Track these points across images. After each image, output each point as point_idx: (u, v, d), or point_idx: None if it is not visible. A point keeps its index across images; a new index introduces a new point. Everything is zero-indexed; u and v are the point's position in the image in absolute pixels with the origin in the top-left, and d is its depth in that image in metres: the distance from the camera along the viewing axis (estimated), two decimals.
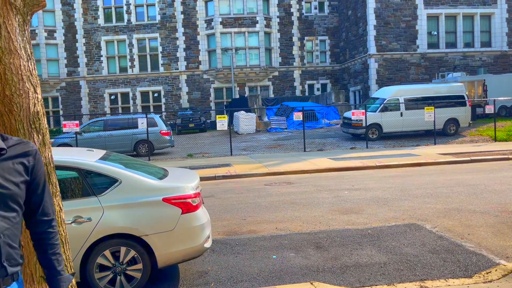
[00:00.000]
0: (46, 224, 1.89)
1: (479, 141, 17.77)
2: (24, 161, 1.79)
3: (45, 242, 1.89)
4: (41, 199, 1.88)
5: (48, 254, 1.88)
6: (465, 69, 29.20)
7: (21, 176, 1.76)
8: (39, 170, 1.85)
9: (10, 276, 1.71)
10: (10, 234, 1.71)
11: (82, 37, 32.47)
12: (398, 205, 7.92)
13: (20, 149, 1.79)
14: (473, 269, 4.94)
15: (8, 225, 1.70)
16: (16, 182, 1.74)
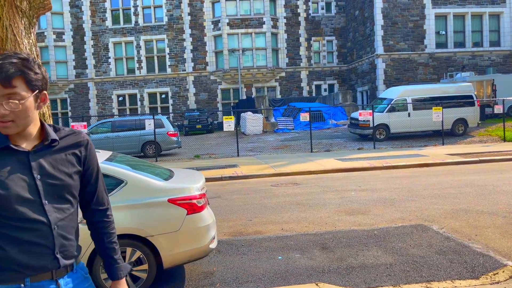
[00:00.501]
0: (101, 213, 1.92)
1: (488, 141, 17.62)
2: (76, 151, 1.79)
3: (101, 231, 1.90)
4: (95, 189, 1.89)
5: (105, 243, 1.90)
6: (474, 69, 28.96)
7: (73, 166, 1.77)
8: (92, 160, 1.85)
9: (64, 267, 1.71)
10: (64, 225, 1.71)
11: (90, 39, 32.72)
12: (405, 206, 7.87)
13: (72, 140, 1.79)
14: (480, 270, 4.90)
15: (62, 216, 1.70)
16: (69, 173, 1.74)
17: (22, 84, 1.58)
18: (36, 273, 1.65)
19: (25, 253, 1.63)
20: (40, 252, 1.65)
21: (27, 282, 1.64)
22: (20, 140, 1.66)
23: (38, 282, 1.66)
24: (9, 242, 1.61)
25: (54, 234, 1.66)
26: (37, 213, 1.64)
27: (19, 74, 1.57)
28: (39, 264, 1.65)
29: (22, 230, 1.62)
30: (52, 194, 1.68)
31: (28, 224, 1.62)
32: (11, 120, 1.59)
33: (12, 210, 1.60)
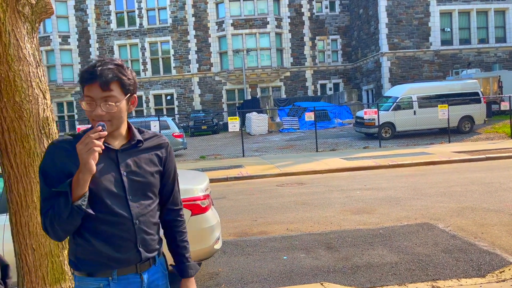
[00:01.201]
0: (175, 212, 2.01)
1: (495, 138, 17.49)
2: (158, 152, 1.90)
3: (175, 230, 1.99)
4: (171, 189, 1.98)
5: (177, 241, 1.99)
6: (480, 65, 28.76)
7: (155, 166, 1.88)
8: (171, 161, 1.96)
9: (147, 261, 1.82)
10: (145, 220, 1.81)
11: (95, 41, 32.92)
12: (411, 205, 7.84)
13: (155, 142, 1.91)
14: (486, 268, 4.87)
15: (144, 212, 1.80)
16: (152, 172, 1.85)
17: (118, 88, 1.71)
18: (121, 266, 1.76)
19: (111, 246, 1.73)
20: (124, 246, 1.75)
21: (114, 275, 1.75)
22: (110, 139, 1.78)
23: (124, 275, 1.77)
24: (97, 236, 1.72)
25: (135, 228, 1.76)
26: (122, 207, 1.75)
27: (116, 79, 1.70)
28: (124, 256, 1.75)
29: (108, 223, 1.73)
30: (135, 191, 1.79)
31: (114, 218, 1.73)
32: (107, 120, 1.70)
33: (101, 203, 1.71)
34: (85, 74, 1.70)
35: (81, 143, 1.60)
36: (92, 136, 1.59)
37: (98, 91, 1.68)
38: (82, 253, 1.74)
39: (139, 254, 1.78)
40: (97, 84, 1.68)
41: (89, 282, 1.74)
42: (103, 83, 1.67)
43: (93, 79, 1.67)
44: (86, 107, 1.71)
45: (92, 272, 1.74)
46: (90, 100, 1.70)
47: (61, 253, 3.11)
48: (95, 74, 1.67)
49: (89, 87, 1.69)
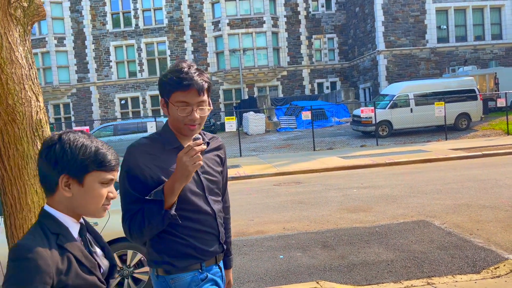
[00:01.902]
0: (226, 210, 2.13)
1: (491, 135, 17.55)
2: (219, 153, 2.03)
3: (225, 226, 2.09)
4: (225, 188, 2.11)
5: (225, 237, 2.08)
6: (476, 62, 28.82)
7: (219, 166, 2.00)
8: (226, 162, 2.09)
9: (222, 252, 1.98)
10: (221, 216, 1.97)
11: (91, 43, 32.85)
12: (407, 202, 7.87)
13: (216, 143, 2.03)
14: (481, 264, 4.90)
15: (219, 208, 1.96)
16: (218, 171, 1.98)
17: (207, 92, 1.83)
18: (208, 258, 1.89)
19: (200, 240, 1.85)
20: (210, 239, 1.89)
21: (203, 267, 1.87)
22: (184, 141, 1.88)
23: (208, 266, 1.90)
24: (188, 232, 1.83)
25: (217, 222, 1.91)
26: (205, 205, 1.87)
27: (207, 85, 1.82)
28: (211, 249, 1.89)
29: (195, 220, 1.84)
30: (210, 189, 1.91)
31: (200, 215, 1.85)
32: (198, 124, 1.82)
33: (188, 202, 1.81)
34: (182, 81, 1.76)
35: (186, 155, 1.65)
36: (197, 149, 1.65)
37: (194, 97, 1.77)
38: (176, 250, 1.82)
39: (221, 246, 1.95)
40: (194, 90, 1.77)
41: (183, 276, 1.83)
42: (200, 89, 1.77)
43: (191, 86, 1.76)
44: (180, 112, 1.78)
45: (186, 266, 1.83)
46: (184, 105, 1.78)
47: None
48: (193, 81, 1.76)
49: (185, 93, 1.77)
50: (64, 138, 1.39)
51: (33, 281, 1.23)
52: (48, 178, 1.38)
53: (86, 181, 1.38)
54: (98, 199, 1.41)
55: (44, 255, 1.27)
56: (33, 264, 1.25)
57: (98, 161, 1.38)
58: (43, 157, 1.39)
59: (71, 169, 1.36)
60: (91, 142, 1.41)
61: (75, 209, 1.41)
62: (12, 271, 1.26)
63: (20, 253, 1.27)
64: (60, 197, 1.39)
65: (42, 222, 1.38)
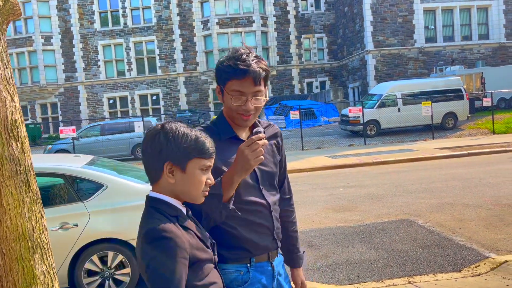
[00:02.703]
0: (286, 202, 2.02)
1: (478, 134, 17.74)
2: (275, 141, 1.93)
3: (286, 220, 2.00)
4: (284, 178, 2.00)
5: (289, 231, 2.01)
6: (464, 62, 29.12)
7: (275, 156, 1.91)
8: (283, 149, 1.99)
9: (276, 249, 1.87)
10: (276, 209, 1.87)
11: (78, 42, 32.56)
12: (392, 201, 7.92)
13: (272, 131, 1.93)
14: (463, 263, 4.94)
15: (275, 201, 1.86)
16: (274, 162, 1.90)
17: (263, 82, 1.74)
18: (260, 253, 1.80)
19: (252, 233, 1.77)
20: (263, 233, 1.80)
21: (253, 262, 1.79)
22: (238, 131, 1.82)
23: (260, 263, 1.81)
24: (240, 223, 1.76)
25: (272, 216, 1.82)
26: (260, 197, 1.80)
27: (264, 74, 1.73)
28: (263, 244, 1.80)
29: (249, 212, 1.77)
30: (265, 181, 1.83)
31: (254, 206, 1.78)
32: (252, 113, 1.74)
33: (241, 193, 1.74)
34: (239, 69, 1.68)
35: (248, 148, 1.60)
36: (259, 143, 1.60)
37: (250, 86, 1.69)
38: (228, 241, 1.76)
39: (275, 242, 1.85)
40: (250, 79, 1.69)
41: (230, 270, 1.76)
42: (256, 78, 1.69)
43: (247, 74, 1.68)
44: (234, 101, 1.71)
45: (235, 259, 1.77)
46: (238, 95, 1.71)
47: (32, 257, 3.08)
48: (250, 69, 1.68)
49: (241, 81, 1.69)
50: (167, 128, 1.47)
51: (177, 256, 1.33)
52: (154, 166, 1.47)
53: (188, 168, 1.46)
54: (199, 185, 1.48)
55: (178, 233, 1.38)
56: (172, 242, 1.35)
57: (199, 148, 1.46)
58: (148, 147, 1.47)
59: (175, 156, 1.44)
60: (191, 131, 1.48)
61: (178, 194, 1.49)
62: (153, 252, 1.35)
63: (157, 234, 1.35)
64: (164, 183, 1.47)
65: (157, 208, 1.46)
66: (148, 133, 1.50)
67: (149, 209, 1.49)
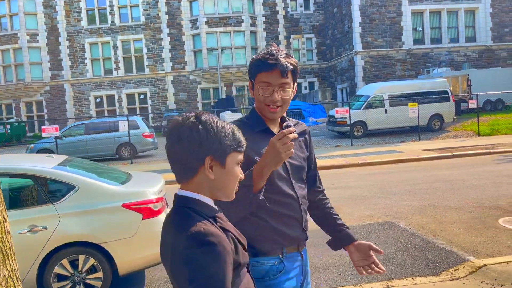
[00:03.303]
0: (322, 193, 2.15)
1: (463, 136, 17.85)
2: (304, 138, 2.02)
3: (325, 207, 2.14)
4: (315, 173, 2.11)
5: (332, 215, 2.12)
6: (451, 64, 29.36)
7: (304, 151, 2.00)
8: (312, 146, 2.09)
9: (305, 240, 1.97)
10: (305, 202, 1.96)
11: (65, 39, 32.13)
12: (375, 203, 7.88)
13: (300, 128, 2.02)
14: (442, 266, 4.90)
15: (303, 193, 1.94)
16: (303, 157, 1.98)
17: (291, 76, 1.84)
18: (291, 244, 1.87)
19: (284, 225, 1.84)
20: (294, 224, 1.87)
21: (285, 253, 1.85)
22: (270, 124, 1.90)
23: (290, 253, 1.88)
24: (270, 215, 1.81)
25: (301, 208, 1.90)
26: (290, 189, 1.87)
27: (291, 68, 1.82)
28: (294, 235, 1.87)
29: (279, 203, 1.83)
30: (295, 174, 1.91)
31: (284, 198, 1.84)
32: (279, 105, 1.83)
33: (273, 184, 1.81)
34: (266, 62, 1.79)
35: (279, 141, 1.65)
36: (290, 136, 1.66)
37: (277, 78, 1.79)
38: (259, 232, 1.80)
39: (304, 233, 1.93)
40: (277, 71, 1.79)
41: (264, 261, 1.81)
42: (283, 71, 1.79)
43: (274, 66, 1.78)
44: (262, 92, 1.81)
45: (268, 251, 1.81)
46: (266, 86, 1.80)
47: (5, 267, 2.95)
48: (278, 62, 1.78)
49: (268, 74, 1.79)
50: (204, 120, 1.37)
51: (226, 263, 1.24)
52: (190, 161, 1.34)
53: (227, 163, 1.39)
54: (236, 179, 1.43)
55: (223, 237, 1.28)
56: (219, 247, 1.25)
57: (236, 142, 1.40)
58: (184, 140, 1.34)
59: (216, 151, 1.35)
60: (226, 124, 1.43)
61: (214, 191, 1.40)
62: (199, 258, 1.23)
63: (202, 239, 1.24)
64: (201, 180, 1.37)
65: (193, 208, 1.35)
66: (180, 124, 1.36)
67: (183, 209, 1.35)
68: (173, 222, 1.35)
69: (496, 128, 18.38)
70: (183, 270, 1.24)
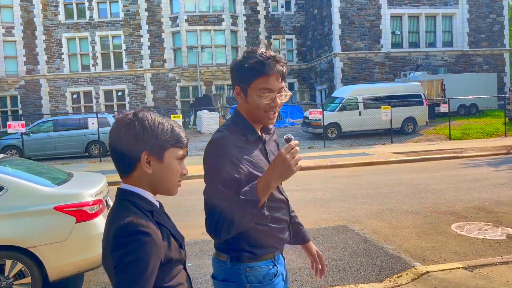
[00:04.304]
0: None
1: (435, 140, 18.05)
2: (276, 140, 2.00)
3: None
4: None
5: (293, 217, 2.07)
6: (428, 68, 29.70)
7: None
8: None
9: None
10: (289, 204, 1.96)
11: (41, 33, 31.44)
12: (335, 206, 7.84)
13: (273, 130, 2.00)
14: (387, 272, 4.86)
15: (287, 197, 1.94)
16: None
17: (283, 80, 1.80)
18: (281, 246, 1.90)
19: (277, 229, 1.84)
20: (284, 227, 1.88)
21: (276, 255, 1.87)
22: (258, 128, 1.86)
23: (278, 255, 1.90)
24: (270, 220, 1.79)
25: (289, 210, 1.93)
26: (280, 193, 1.88)
27: (286, 71, 1.80)
28: (285, 238, 1.89)
29: (274, 209, 1.82)
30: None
31: (277, 203, 1.85)
32: (276, 110, 1.80)
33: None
34: (266, 67, 1.72)
35: (289, 154, 1.63)
36: (297, 149, 1.65)
37: (276, 83, 1.75)
38: (261, 238, 1.79)
39: (289, 235, 1.94)
40: (277, 76, 1.74)
41: (261, 267, 1.80)
42: (282, 75, 1.76)
43: (273, 71, 1.73)
44: (265, 99, 1.74)
45: (264, 255, 1.81)
46: (268, 92, 1.74)
47: None
48: (276, 66, 1.74)
49: (267, 78, 1.72)
50: (141, 116, 1.40)
51: (152, 254, 1.26)
52: (128, 156, 1.38)
53: (165, 158, 1.41)
54: (176, 174, 1.44)
55: (154, 230, 1.30)
56: (149, 239, 1.27)
57: (175, 138, 1.42)
58: (121, 136, 1.37)
59: (152, 146, 1.38)
60: (165, 120, 1.43)
61: (154, 185, 1.42)
62: (128, 246, 1.25)
63: (132, 229, 1.27)
64: (139, 174, 1.40)
65: (132, 201, 1.38)
66: (120, 120, 1.40)
67: (122, 202, 1.39)
68: (111, 214, 1.39)
69: (467, 132, 18.65)
70: (110, 258, 1.28)
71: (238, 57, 1.82)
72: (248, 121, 1.82)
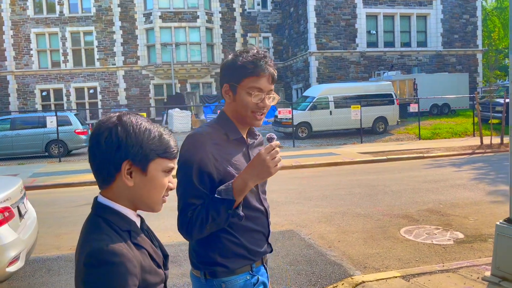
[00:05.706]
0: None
1: (405, 140, 18.00)
2: (261, 146, 1.90)
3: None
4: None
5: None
6: (402, 68, 29.77)
7: None
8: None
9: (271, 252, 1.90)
10: (269, 214, 1.88)
11: (9, 29, 30.40)
12: (287, 209, 7.56)
13: (260, 138, 1.95)
14: (323, 282, 4.59)
15: (268, 205, 1.86)
16: None
17: (273, 83, 1.75)
18: (258, 259, 1.80)
19: (252, 240, 1.76)
20: (260, 239, 1.80)
21: (254, 267, 1.78)
22: (243, 131, 1.80)
23: (257, 267, 1.80)
24: (241, 231, 1.73)
25: (268, 221, 1.85)
26: (258, 203, 1.80)
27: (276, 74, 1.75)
28: (261, 250, 1.81)
29: (249, 218, 1.73)
30: (261, 186, 1.83)
31: (253, 213, 1.76)
32: (264, 113, 1.75)
33: (247, 198, 1.71)
34: (258, 66, 1.69)
35: (268, 154, 1.58)
36: (278, 150, 1.60)
37: (267, 84, 1.72)
38: (230, 250, 1.72)
39: (269, 246, 1.87)
40: (268, 78, 1.71)
41: (237, 279, 1.74)
42: (272, 77, 1.74)
43: (265, 72, 1.70)
44: (255, 98, 1.70)
45: (238, 269, 1.73)
46: (258, 92, 1.70)
47: None
48: (268, 68, 1.71)
49: (258, 79, 1.70)
50: (125, 120, 1.23)
51: (126, 285, 1.12)
52: (106, 166, 1.21)
53: (150, 169, 1.24)
54: (161, 189, 1.28)
55: (129, 256, 1.16)
56: (123, 269, 1.12)
57: (163, 147, 1.25)
58: (101, 141, 1.21)
59: (136, 155, 1.21)
60: (153, 127, 1.27)
61: (135, 200, 1.26)
62: (98, 278, 1.11)
63: (105, 258, 1.12)
64: (119, 187, 1.24)
65: (107, 219, 1.22)
66: (100, 125, 1.23)
67: (96, 218, 1.22)
68: (83, 230, 1.23)
69: (437, 132, 18.67)
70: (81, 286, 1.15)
71: (229, 56, 1.78)
72: (232, 121, 1.78)
